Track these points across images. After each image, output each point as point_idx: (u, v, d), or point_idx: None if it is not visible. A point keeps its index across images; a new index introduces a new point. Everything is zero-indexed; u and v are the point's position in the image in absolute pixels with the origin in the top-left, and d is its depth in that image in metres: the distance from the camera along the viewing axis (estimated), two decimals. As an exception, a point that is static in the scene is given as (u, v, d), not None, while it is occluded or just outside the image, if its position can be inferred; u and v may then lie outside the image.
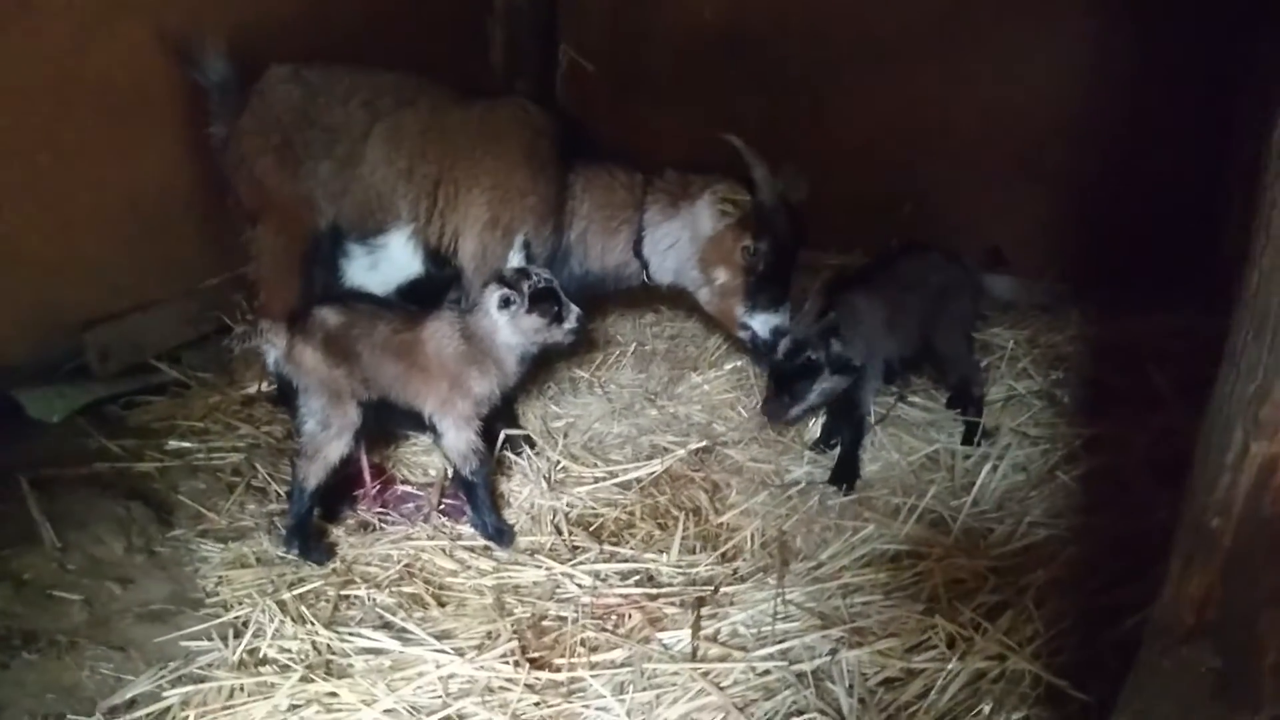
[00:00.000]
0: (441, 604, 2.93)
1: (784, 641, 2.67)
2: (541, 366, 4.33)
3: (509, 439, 3.62)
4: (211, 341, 4.30)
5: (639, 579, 3.03)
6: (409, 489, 3.51)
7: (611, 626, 2.80)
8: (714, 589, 2.94)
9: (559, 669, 2.61)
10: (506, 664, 2.61)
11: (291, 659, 2.62)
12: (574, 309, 3.13)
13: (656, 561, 3.10)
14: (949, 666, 2.50)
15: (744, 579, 3.01)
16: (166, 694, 2.49)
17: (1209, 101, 4.71)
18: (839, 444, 3.73)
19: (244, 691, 2.50)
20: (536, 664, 2.63)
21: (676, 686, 2.53)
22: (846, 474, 3.54)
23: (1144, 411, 3.74)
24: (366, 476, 3.43)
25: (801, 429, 3.96)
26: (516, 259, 3.64)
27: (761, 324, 3.71)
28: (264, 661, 2.62)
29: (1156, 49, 4.69)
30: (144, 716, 2.42)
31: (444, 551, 3.16)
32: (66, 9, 3.63)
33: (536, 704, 2.49)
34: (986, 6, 5.08)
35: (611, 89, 5.88)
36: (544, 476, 3.55)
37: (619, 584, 2.99)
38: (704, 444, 3.76)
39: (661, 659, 2.63)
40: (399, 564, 3.09)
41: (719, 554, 3.14)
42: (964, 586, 2.86)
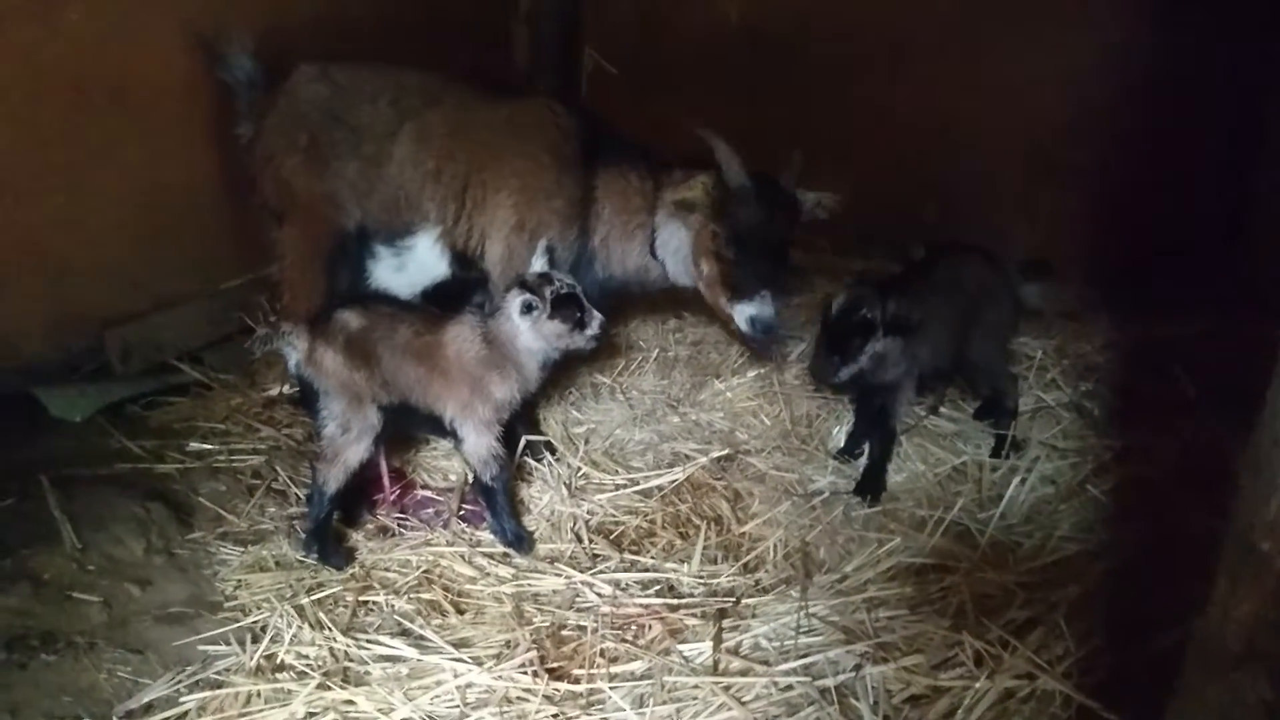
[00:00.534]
0: (460, 611, 2.90)
1: (807, 656, 2.62)
2: (563, 371, 4.30)
3: (529, 444, 3.59)
4: (233, 342, 4.29)
5: (660, 589, 2.99)
6: (428, 494, 3.49)
7: (631, 637, 2.77)
8: (736, 600, 2.89)
9: (578, 680, 2.57)
10: (525, 674, 2.57)
11: (309, 665, 2.60)
12: (596, 315, 3.10)
13: (677, 571, 3.06)
14: (977, 685, 2.44)
15: (766, 590, 2.97)
16: (183, 699, 2.47)
17: (1235, 100, 4.63)
18: (864, 453, 3.68)
19: (261, 698, 2.48)
20: (555, 674, 2.60)
21: (697, 700, 2.49)
22: (872, 485, 3.48)
23: (1174, 419, 3.68)
24: (386, 481, 3.41)
25: (825, 437, 3.91)
26: (539, 263, 3.62)
27: (739, 313, 3.59)
28: (281, 667, 2.60)
29: (1182, 50, 4.62)
30: (160, 721, 2.41)
31: (463, 558, 3.13)
32: (91, 5, 3.64)
33: (555, 715, 2.45)
34: (1008, 7, 5.01)
35: (635, 89, 5.85)
36: (564, 483, 3.51)
37: (639, 594, 2.96)
38: (726, 452, 3.72)
39: (682, 672, 2.59)
40: (418, 570, 3.06)
41: (741, 564, 3.10)
42: (992, 602, 2.80)
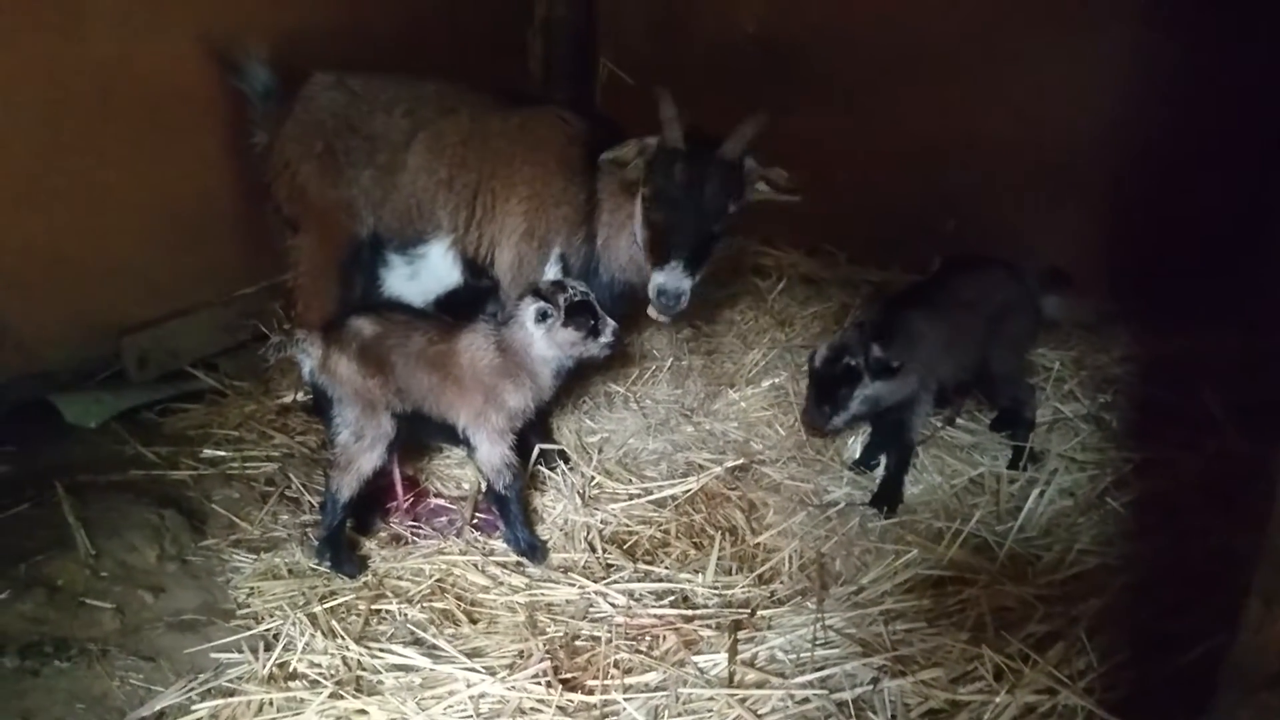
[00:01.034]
0: (473, 621, 2.88)
1: (824, 669, 2.60)
2: (576, 381, 4.29)
3: (543, 453, 3.58)
4: (248, 349, 4.30)
5: (674, 600, 2.97)
6: (442, 502, 3.48)
7: (645, 648, 2.74)
8: (751, 612, 2.87)
9: (591, 691, 2.55)
10: (538, 684, 2.55)
11: (321, 674, 2.58)
12: (610, 322, 3.09)
13: (692, 582, 3.04)
14: (997, 700, 2.41)
15: (782, 602, 2.94)
16: (195, 707, 2.47)
17: (1254, 112, 4.58)
18: (880, 465, 3.65)
19: (273, 706, 2.47)
20: (569, 685, 2.58)
21: (713, 713, 2.47)
22: (889, 497, 3.45)
23: (1196, 434, 3.63)
24: (399, 489, 3.40)
25: (841, 448, 3.89)
26: (553, 271, 3.60)
27: (650, 282, 3.39)
28: (294, 676, 2.59)
29: (1200, 60, 4.57)
30: (172, 729, 2.40)
31: (476, 567, 3.11)
32: (112, 16, 3.66)
33: (569, 727, 2.44)
34: (1025, 17, 4.98)
35: (650, 99, 5.83)
36: (578, 492, 3.50)
37: (653, 604, 2.93)
38: (740, 462, 3.69)
39: (697, 684, 2.57)
40: (431, 579, 3.05)
41: (756, 575, 3.08)
42: (1011, 615, 2.77)
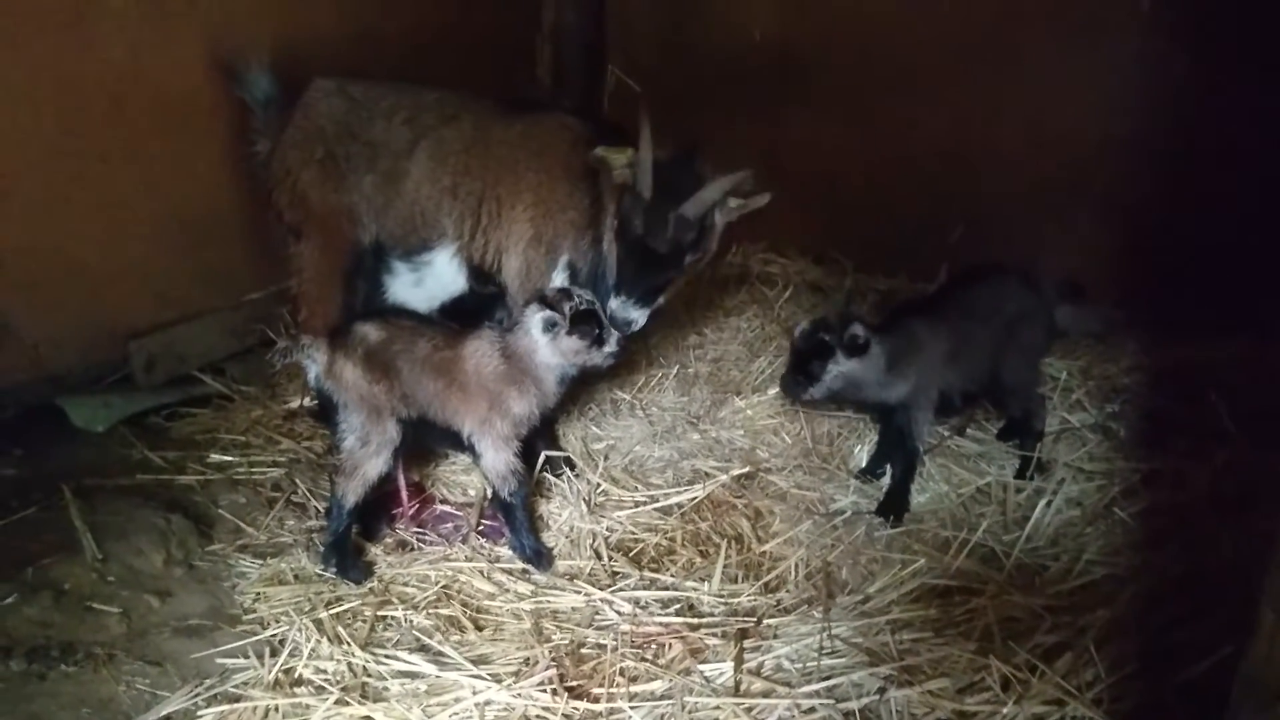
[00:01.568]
0: (479, 627, 2.88)
1: (830, 678, 2.58)
2: (582, 388, 4.29)
3: (549, 460, 3.57)
4: (255, 354, 4.32)
5: (680, 607, 2.96)
6: (447, 509, 3.48)
7: (651, 656, 2.73)
8: (757, 620, 2.86)
9: (597, 699, 2.54)
10: (544, 692, 2.54)
11: (327, 680, 2.58)
12: (615, 331, 3.09)
13: (698, 590, 3.03)
14: (1004, 710, 2.40)
15: (788, 611, 2.93)
16: (201, 712, 2.46)
17: (1263, 121, 4.57)
18: (886, 474, 3.64)
19: (279, 712, 2.47)
20: (574, 693, 2.57)
21: (719, 721, 2.46)
22: (895, 506, 3.45)
23: (1205, 444, 3.61)
24: (404, 495, 3.40)
25: (847, 457, 3.88)
26: (560, 278, 3.60)
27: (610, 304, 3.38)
28: (299, 682, 2.59)
29: (1209, 70, 4.56)
30: (178, 735, 2.40)
31: (482, 573, 3.11)
32: (122, 21, 3.68)
33: (574, 735, 2.43)
34: (1034, 27, 4.98)
35: (657, 106, 5.82)
36: (584, 499, 3.49)
37: (659, 612, 2.93)
38: (747, 470, 3.68)
39: (703, 692, 2.56)
40: (436, 585, 3.05)
41: (762, 584, 3.07)
42: (1019, 625, 2.75)
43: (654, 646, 2.78)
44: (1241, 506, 3.19)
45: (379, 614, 2.90)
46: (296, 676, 2.60)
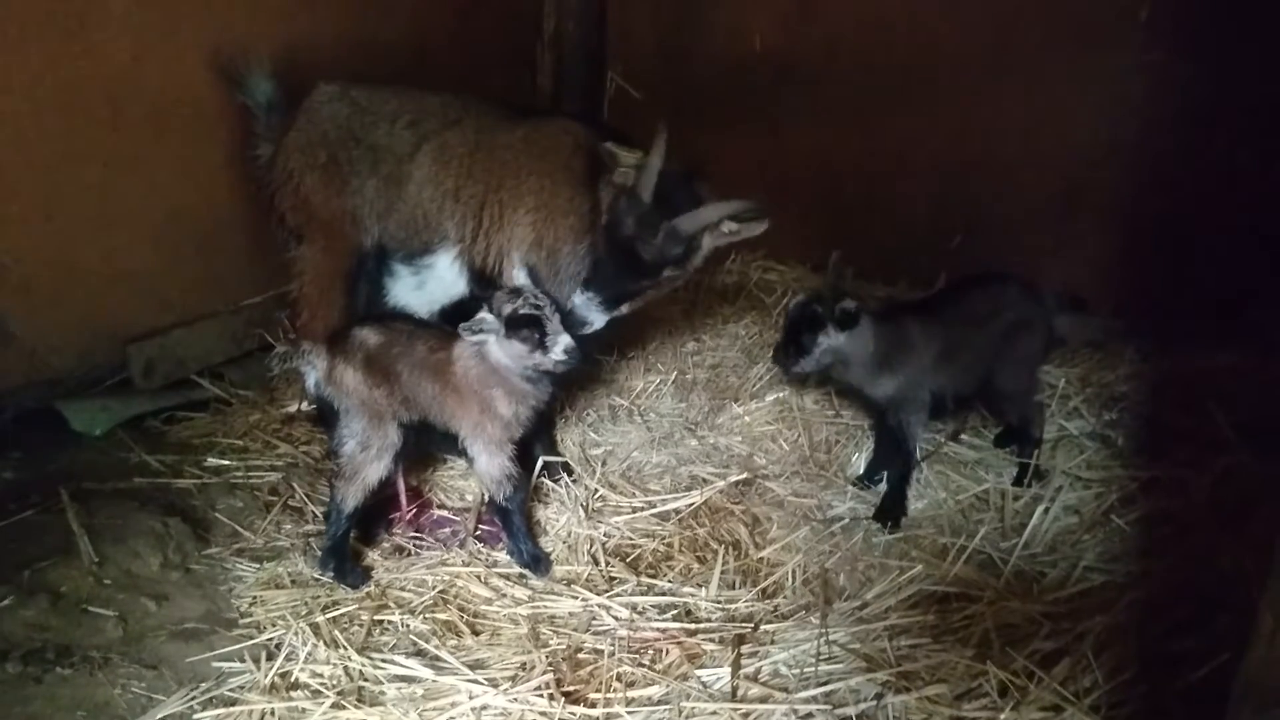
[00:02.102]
0: (476, 632, 2.88)
1: (827, 684, 2.58)
2: (581, 393, 4.30)
3: (547, 465, 3.58)
4: (254, 358, 4.33)
5: (677, 613, 2.96)
6: (445, 514, 3.47)
7: (649, 662, 2.73)
8: (754, 626, 2.85)
9: (594, 704, 2.54)
10: (541, 697, 2.54)
11: (323, 684, 2.58)
12: (563, 338, 2.92)
13: (695, 596, 3.02)
14: (1002, 716, 2.39)
15: (785, 617, 2.93)
16: (197, 716, 2.46)
17: (1263, 130, 4.58)
18: (883, 480, 3.64)
19: (275, 716, 2.47)
20: (571, 698, 2.56)
21: (716, 727, 2.45)
22: (892, 511, 3.45)
23: (1204, 453, 3.59)
24: (403, 500, 3.40)
25: (845, 463, 3.88)
26: (520, 277, 3.57)
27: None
28: (296, 686, 2.58)
29: (1212, 79, 4.58)
30: (173, 738, 2.40)
31: (479, 578, 3.11)
32: (124, 25, 3.69)
33: (571, 740, 2.42)
34: (1036, 36, 5.00)
35: (658, 114, 5.83)
36: (581, 505, 3.49)
37: (656, 618, 2.92)
38: (744, 476, 3.68)
39: (700, 698, 2.55)
40: (434, 590, 3.04)
41: (759, 590, 3.07)
42: (1017, 632, 2.75)
43: (651, 652, 2.77)
44: (1240, 515, 3.18)
45: (376, 618, 2.89)
46: (293, 680, 2.59)
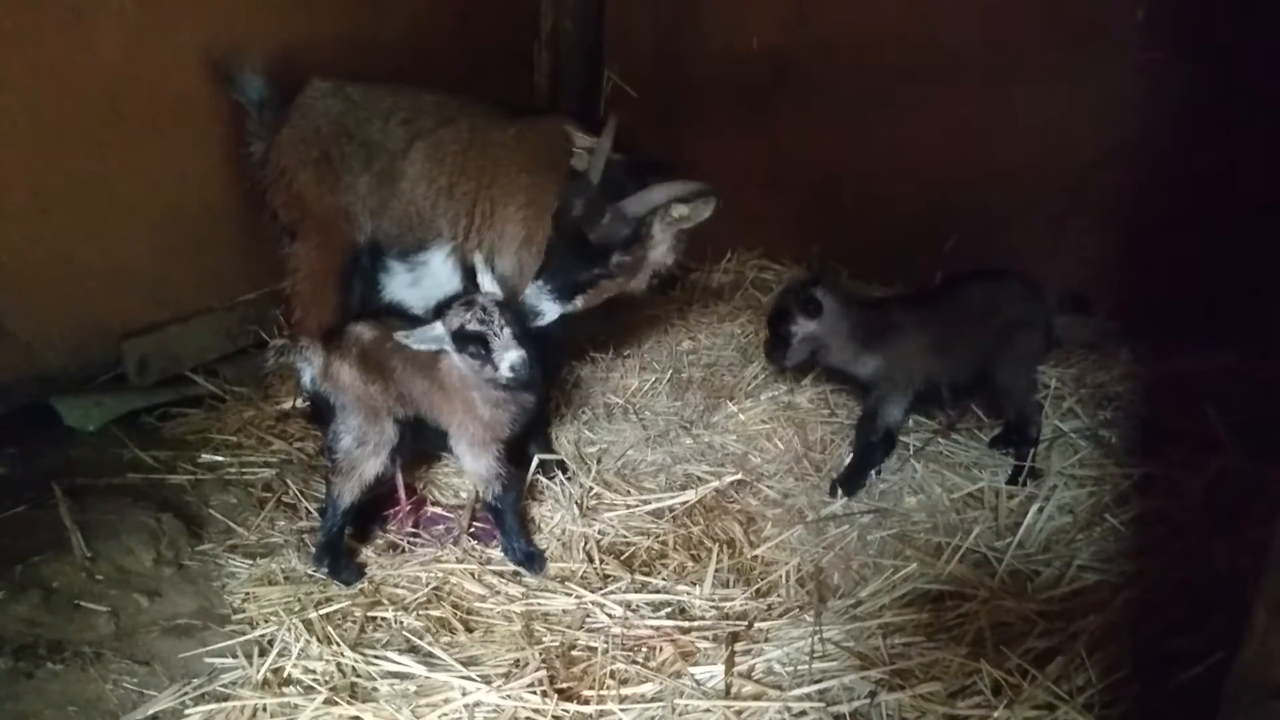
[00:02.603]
0: (469, 629, 2.87)
1: (821, 681, 2.58)
2: (576, 391, 4.30)
3: (542, 463, 3.57)
4: (248, 355, 4.32)
5: (671, 611, 2.96)
6: (439, 510, 3.47)
7: (642, 659, 2.73)
8: (748, 624, 2.85)
9: (588, 701, 2.54)
10: (534, 694, 2.54)
11: (316, 680, 2.57)
12: (509, 354, 2.78)
13: (689, 593, 3.02)
14: (995, 715, 2.39)
15: (780, 615, 2.93)
16: (189, 712, 2.46)
17: (1261, 131, 4.59)
18: (877, 478, 3.66)
19: (267, 712, 2.46)
20: (565, 695, 2.56)
21: (709, 724, 2.45)
22: (849, 481, 3.58)
23: (1198, 454, 3.60)
24: (401, 496, 3.39)
25: (839, 463, 3.87)
26: (487, 281, 3.55)
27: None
28: (288, 682, 2.58)
29: (1205, 79, 4.58)
30: (165, 734, 2.39)
31: (473, 575, 3.10)
32: (119, 21, 3.68)
33: (564, 737, 2.42)
34: (1034, 35, 4.99)
35: (655, 113, 5.87)
36: (576, 502, 3.48)
37: (650, 615, 2.92)
38: (739, 476, 3.68)
39: (694, 695, 2.55)
40: (427, 586, 3.04)
41: (754, 588, 3.07)
42: (1010, 630, 2.75)
43: (645, 649, 2.77)
44: (1234, 515, 3.19)
45: (369, 615, 2.89)
46: (285, 677, 2.59)
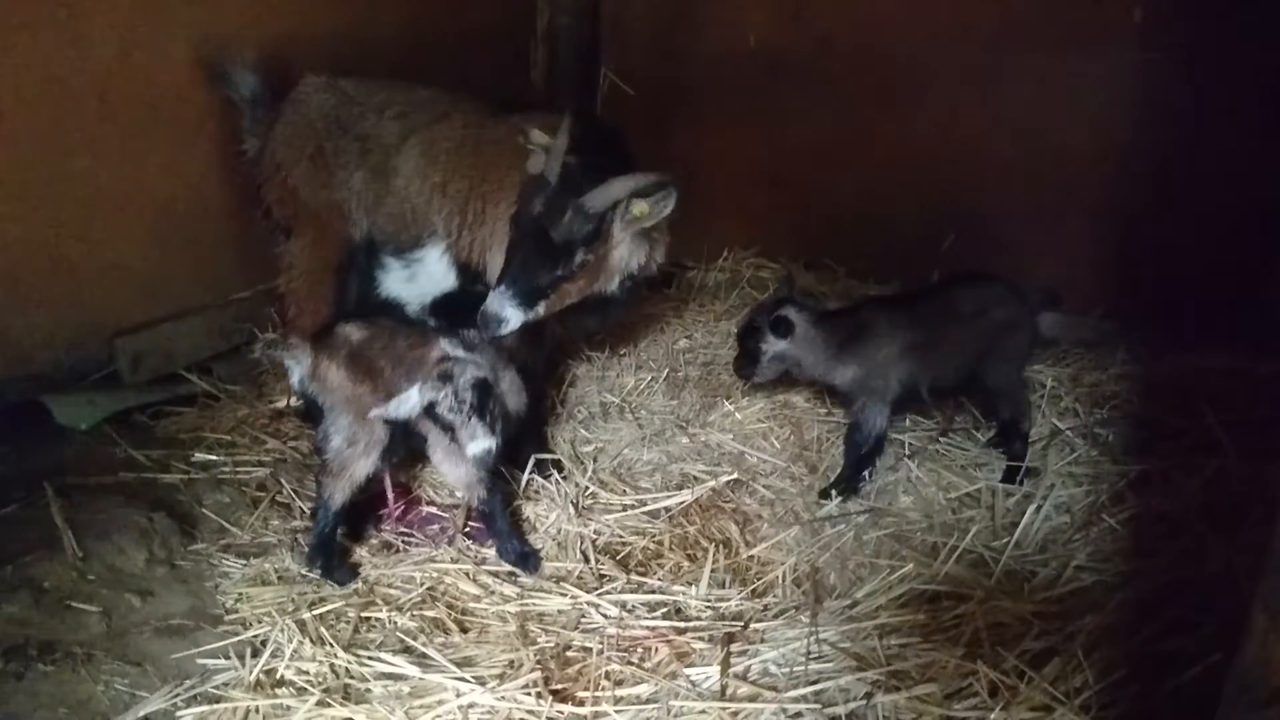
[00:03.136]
0: (464, 630, 2.86)
1: (817, 682, 2.57)
2: (572, 390, 4.29)
3: (538, 463, 3.56)
4: (242, 353, 4.30)
5: (666, 611, 2.94)
6: (434, 510, 3.45)
7: (637, 660, 2.71)
8: (744, 625, 2.84)
9: (582, 702, 2.53)
10: (528, 695, 2.52)
11: (309, 681, 2.56)
12: (476, 446, 2.78)
13: (685, 594, 3.01)
14: (992, 716, 2.38)
15: (775, 615, 2.92)
16: (181, 713, 2.44)
17: (1257, 131, 4.58)
18: (872, 478, 3.66)
19: (259, 713, 2.44)
20: (559, 696, 2.55)
21: (704, 726, 2.44)
22: (838, 483, 3.61)
23: (1195, 453, 3.59)
24: (391, 496, 3.37)
25: (836, 462, 3.86)
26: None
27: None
28: (281, 683, 2.56)
29: (1208, 80, 4.58)
30: (156, 736, 2.37)
31: (468, 575, 3.09)
32: (112, 18, 3.66)
33: (559, 738, 2.40)
34: (1032, 35, 4.99)
35: (651, 110, 5.86)
36: (572, 502, 3.47)
37: (646, 616, 2.91)
38: (735, 476, 3.67)
39: (689, 696, 2.54)
40: (421, 586, 3.03)
41: (749, 589, 3.06)
42: (1007, 631, 2.73)
43: (640, 650, 2.76)
44: (1231, 516, 3.18)
45: (363, 615, 2.87)
46: (278, 678, 2.57)
